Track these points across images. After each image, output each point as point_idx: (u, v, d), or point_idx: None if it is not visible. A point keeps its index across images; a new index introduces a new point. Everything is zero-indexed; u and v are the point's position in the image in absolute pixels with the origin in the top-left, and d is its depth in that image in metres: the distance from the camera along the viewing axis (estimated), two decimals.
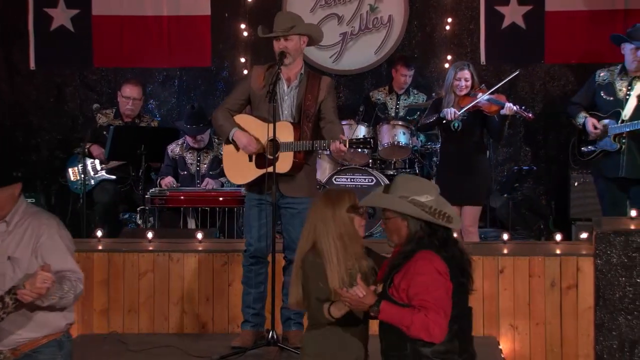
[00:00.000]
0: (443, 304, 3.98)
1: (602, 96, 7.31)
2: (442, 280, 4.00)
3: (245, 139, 5.82)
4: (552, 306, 6.09)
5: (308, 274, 4.23)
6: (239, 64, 9.57)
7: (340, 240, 4.20)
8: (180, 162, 8.15)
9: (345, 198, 4.28)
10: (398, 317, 3.98)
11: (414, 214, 4.07)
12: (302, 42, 5.90)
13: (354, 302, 4.01)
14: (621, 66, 7.32)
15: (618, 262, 5.93)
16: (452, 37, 9.51)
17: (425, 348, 4.01)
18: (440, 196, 4.21)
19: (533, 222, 9.24)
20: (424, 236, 4.08)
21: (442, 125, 7.54)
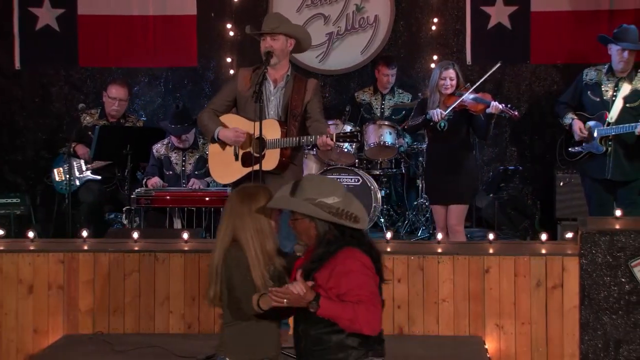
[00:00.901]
0: (377, 296, 4.09)
1: (589, 96, 7.34)
2: (371, 274, 4.10)
3: (232, 133, 5.83)
4: (537, 306, 6.09)
5: (232, 268, 4.25)
6: (225, 63, 9.56)
7: (257, 236, 4.25)
8: (165, 162, 8.13)
9: (261, 195, 4.33)
10: (339, 312, 4.03)
11: (320, 216, 4.14)
12: (289, 44, 5.91)
13: (294, 300, 4.04)
14: (608, 66, 7.34)
15: (603, 262, 5.95)
16: (438, 37, 9.53)
17: (349, 339, 4.09)
18: (348, 194, 4.28)
19: (519, 222, 9.27)
20: (332, 237, 4.15)
21: (429, 125, 7.55)
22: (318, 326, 4.11)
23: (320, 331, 4.12)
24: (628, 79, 7.25)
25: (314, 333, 4.15)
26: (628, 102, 7.19)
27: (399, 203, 9.12)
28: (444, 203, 7.47)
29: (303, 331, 4.20)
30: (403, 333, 6.21)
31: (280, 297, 4.03)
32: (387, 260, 6.20)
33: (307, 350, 4.20)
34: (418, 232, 8.62)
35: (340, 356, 4.12)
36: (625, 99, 7.20)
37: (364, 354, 4.15)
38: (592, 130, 7.23)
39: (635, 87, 7.23)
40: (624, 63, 7.22)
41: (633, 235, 5.93)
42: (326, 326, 4.08)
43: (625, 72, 7.26)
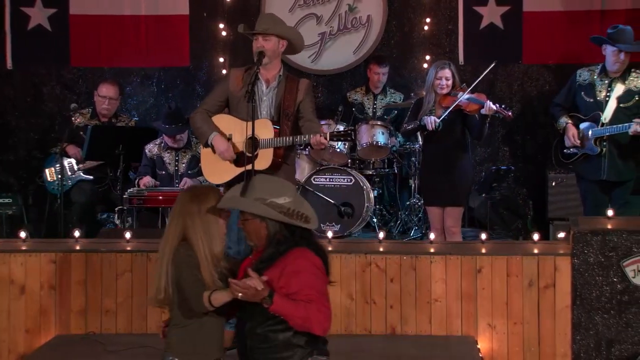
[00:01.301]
0: (327, 297, 4.14)
1: (583, 97, 7.32)
2: (321, 275, 4.16)
3: (224, 146, 5.83)
4: (529, 305, 6.10)
5: (182, 267, 4.25)
6: (217, 63, 9.56)
7: (206, 236, 4.26)
8: (158, 162, 8.12)
9: (210, 195, 4.34)
10: (292, 310, 4.06)
11: (271, 216, 4.17)
12: (281, 45, 5.91)
13: (250, 294, 4.06)
14: (602, 66, 7.32)
15: (595, 262, 5.96)
16: (431, 37, 9.54)
17: (295, 337, 4.14)
18: (298, 195, 4.34)
19: (511, 222, 9.28)
20: (282, 237, 4.19)
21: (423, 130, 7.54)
22: (265, 324, 4.15)
23: (267, 329, 4.16)
24: (621, 79, 7.24)
25: (260, 331, 4.18)
26: (622, 102, 7.19)
27: (391, 203, 9.13)
28: (440, 204, 7.46)
29: (249, 330, 4.23)
30: (395, 333, 6.21)
31: (237, 290, 4.06)
32: (379, 260, 6.23)
33: (253, 348, 4.23)
34: (410, 232, 8.62)
35: (285, 355, 4.17)
36: (618, 99, 7.20)
37: (309, 352, 4.20)
38: (586, 133, 7.21)
39: (628, 87, 7.23)
40: (620, 64, 7.20)
41: (625, 235, 5.94)
42: (273, 325, 4.13)
43: (619, 72, 7.25)
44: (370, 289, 6.26)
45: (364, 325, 6.26)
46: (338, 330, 6.27)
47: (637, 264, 5.93)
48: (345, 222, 8.31)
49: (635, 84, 7.22)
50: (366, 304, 6.26)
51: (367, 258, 6.28)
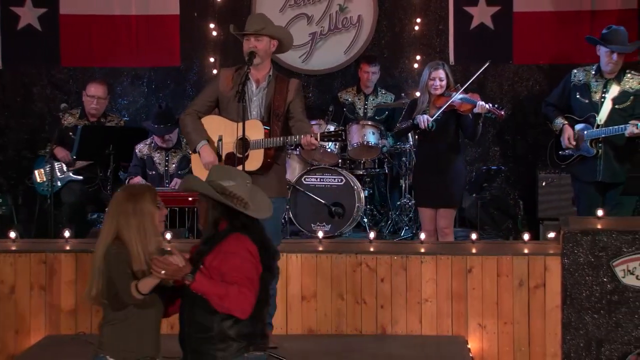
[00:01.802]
0: (254, 282, 4.17)
1: (577, 98, 7.27)
2: (253, 261, 4.20)
3: (210, 158, 5.80)
4: (520, 305, 6.12)
5: (113, 264, 4.26)
6: (208, 63, 9.55)
7: (140, 234, 4.27)
8: (148, 162, 8.11)
9: (146, 193, 4.38)
10: (212, 287, 4.12)
11: (208, 193, 4.28)
12: (272, 45, 5.90)
13: (171, 270, 4.10)
14: (596, 67, 7.27)
15: (585, 262, 5.98)
16: (421, 37, 9.54)
17: (231, 330, 4.19)
18: (254, 187, 4.45)
19: (501, 222, 9.29)
20: (222, 221, 4.29)
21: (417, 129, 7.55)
22: (202, 313, 4.19)
23: (205, 319, 4.20)
24: (616, 80, 7.19)
25: (198, 320, 4.23)
26: (617, 103, 7.15)
27: (382, 203, 9.13)
28: (433, 206, 7.45)
29: (187, 318, 4.29)
30: (386, 333, 6.22)
31: (160, 266, 4.10)
32: (370, 260, 6.23)
33: (190, 338, 4.28)
34: (401, 232, 8.62)
35: (220, 346, 4.21)
36: (614, 101, 7.15)
37: (245, 346, 4.23)
38: (581, 135, 7.18)
39: (623, 88, 7.18)
40: (613, 65, 7.15)
41: (615, 235, 5.96)
42: (210, 314, 4.17)
43: (613, 73, 7.20)
44: (361, 289, 6.27)
45: (354, 325, 6.27)
46: (328, 330, 6.28)
47: (627, 263, 5.94)
48: (335, 222, 8.31)
49: (630, 85, 7.19)
50: (357, 304, 6.27)
51: (358, 258, 6.29)
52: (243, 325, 4.21)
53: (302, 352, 5.89)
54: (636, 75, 7.25)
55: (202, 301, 4.16)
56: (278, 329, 6.12)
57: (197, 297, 4.17)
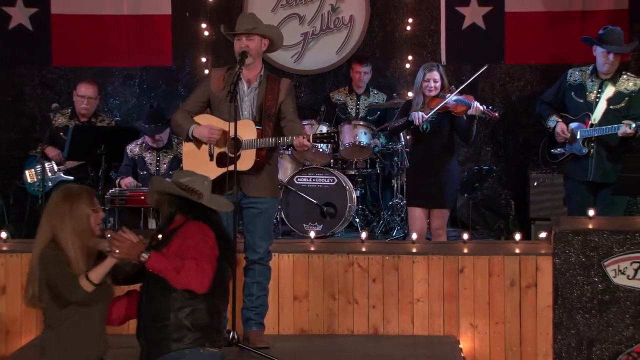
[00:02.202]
0: (211, 260, 4.20)
1: (573, 97, 7.28)
2: (210, 244, 4.24)
3: (206, 130, 5.80)
4: (511, 305, 6.13)
5: (50, 266, 4.24)
6: (199, 63, 9.54)
7: (77, 236, 4.25)
8: (139, 162, 8.10)
9: (83, 195, 4.36)
10: (168, 263, 4.13)
11: (163, 187, 4.36)
12: (263, 45, 5.90)
13: (126, 247, 4.12)
14: (592, 67, 7.26)
15: (576, 261, 5.99)
16: (413, 37, 9.55)
17: (187, 319, 4.22)
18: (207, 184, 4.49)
19: (493, 222, 9.31)
20: (178, 213, 4.35)
21: (411, 127, 7.55)
22: (158, 301, 4.22)
23: (161, 307, 4.23)
24: (612, 81, 7.19)
25: (154, 309, 4.25)
26: (612, 104, 7.16)
27: (374, 203, 9.13)
28: (426, 206, 7.46)
29: (145, 308, 4.31)
30: (378, 333, 6.23)
31: (114, 244, 4.12)
32: (362, 260, 6.24)
33: (147, 328, 4.30)
34: (393, 232, 8.63)
35: (175, 336, 4.23)
36: (608, 101, 7.16)
37: (200, 339, 4.25)
38: (574, 132, 7.20)
39: (619, 89, 7.18)
40: (609, 65, 7.15)
41: (606, 235, 5.98)
42: (166, 303, 4.20)
43: (609, 73, 7.20)
44: (353, 289, 6.27)
45: (346, 325, 6.27)
46: (320, 330, 6.28)
47: (618, 263, 5.96)
48: (327, 222, 8.31)
49: (625, 86, 7.20)
50: (348, 304, 6.27)
51: (350, 258, 6.29)
52: (199, 316, 4.23)
53: (294, 353, 5.89)
54: (632, 77, 7.27)
55: (158, 288, 4.18)
56: (270, 329, 6.12)
57: (153, 286, 4.19)
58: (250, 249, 5.83)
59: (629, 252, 5.94)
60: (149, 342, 4.29)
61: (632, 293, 5.95)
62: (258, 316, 5.88)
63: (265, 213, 5.87)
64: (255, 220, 5.83)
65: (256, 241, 5.83)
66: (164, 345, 4.24)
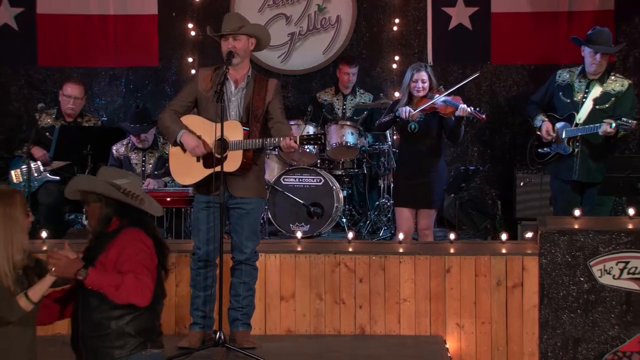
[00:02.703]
0: (151, 270, 4.14)
1: (560, 97, 7.33)
2: (149, 252, 4.18)
3: (194, 142, 5.78)
4: (497, 305, 6.14)
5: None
6: (186, 63, 9.52)
7: (6, 239, 4.07)
8: (125, 162, 8.08)
9: (16, 197, 4.18)
10: (107, 279, 4.05)
11: (106, 191, 4.24)
12: (250, 44, 5.89)
13: (63, 265, 4.04)
14: (581, 68, 7.31)
15: (562, 261, 6.01)
16: (400, 37, 9.56)
17: (129, 326, 4.16)
18: (139, 183, 4.46)
19: (479, 222, 9.32)
20: (114, 217, 4.26)
21: (399, 126, 7.55)
22: (98, 311, 4.15)
23: (101, 316, 4.16)
24: (599, 81, 7.24)
25: (94, 318, 4.18)
26: (598, 104, 7.20)
27: (360, 203, 9.14)
28: (413, 206, 7.46)
29: (82, 317, 4.22)
30: (365, 333, 6.23)
31: (51, 263, 4.03)
32: (349, 260, 6.24)
33: (85, 336, 4.22)
34: (380, 232, 8.63)
35: (117, 344, 4.18)
36: (595, 101, 7.20)
37: (142, 343, 4.21)
38: (560, 132, 7.24)
39: (606, 89, 7.23)
40: (596, 65, 7.20)
41: (592, 235, 6.00)
42: (106, 311, 4.13)
43: (597, 74, 7.24)
44: (340, 289, 6.27)
45: (333, 325, 6.27)
46: (307, 330, 6.28)
47: (604, 263, 5.98)
48: (314, 223, 8.31)
49: (612, 87, 7.24)
50: (335, 304, 6.27)
51: (337, 258, 6.29)
52: (141, 321, 4.18)
53: (281, 353, 5.89)
54: (619, 78, 7.32)
55: (97, 299, 4.11)
56: (256, 329, 6.12)
57: (92, 296, 4.11)
58: (237, 250, 5.83)
59: (615, 252, 5.97)
60: (88, 350, 4.22)
61: (617, 293, 5.97)
62: (245, 316, 5.87)
63: (252, 213, 5.86)
64: (242, 221, 5.83)
65: (243, 241, 5.82)
66: (106, 353, 4.17)
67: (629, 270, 5.96)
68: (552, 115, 7.34)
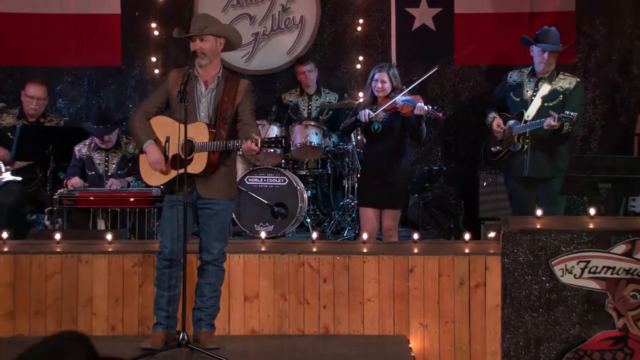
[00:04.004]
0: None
1: (512, 97, 7.52)
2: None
3: (156, 157, 5.76)
4: (460, 304, 6.17)
5: None
6: (149, 63, 9.48)
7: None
8: (88, 163, 8.03)
9: None
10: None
11: None
12: (219, 44, 5.86)
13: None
14: (531, 68, 7.52)
15: (524, 261, 6.05)
16: (364, 38, 9.59)
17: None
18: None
19: (443, 222, 9.36)
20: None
21: (363, 127, 7.58)
22: None
23: None
24: (548, 80, 7.43)
25: None
26: (546, 101, 7.36)
27: (325, 203, 9.15)
28: (377, 206, 7.48)
29: None
30: (329, 333, 6.23)
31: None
32: (313, 260, 6.24)
33: None
34: (344, 232, 8.65)
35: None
36: (543, 99, 7.37)
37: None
38: (511, 130, 7.39)
39: (554, 87, 7.40)
40: (544, 64, 7.40)
41: (554, 235, 6.04)
42: None
43: (546, 72, 7.43)
44: (304, 289, 6.27)
45: (297, 325, 6.27)
46: (271, 330, 6.27)
47: (565, 263, 6.03)
48: (278, 223, 8.31)
49: (561, 85, 7.41)
50: (299, 304, 6.27)
51: (301, 258, 6.29)
52: None
53: (244, 353, 5.88)
54: (568, 76, 7.49)
55: None
56: (220, 330, 6.10)
57: None
58: (204, 250, 5.81)
59: (576, 252, 6.02)
60: None
61: (578, 292, 6.02)
62: (209, 317, 5.86)
63: (220, 214, 5.84)
64: (210, 221, 5.81)
65: (210, 242, 5.80)
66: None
67: (590, 270, 6.01)
68: (504, 114, 7.50)
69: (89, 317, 6.22)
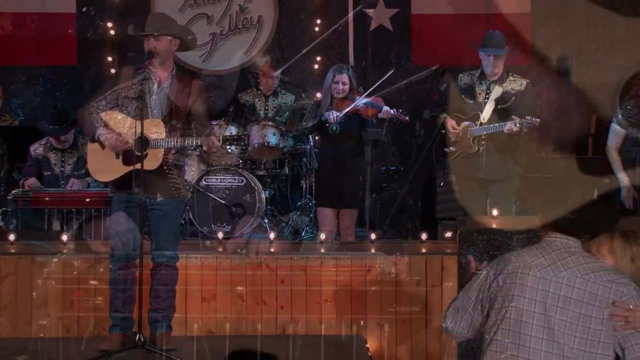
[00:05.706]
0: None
1: (464, 99, 7.52)
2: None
3: (114, 139, 5.71)
4: (417, 304, 6.20)
5: None
6: (105, 62, 9.40)
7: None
8: (44, 163, 7.95)
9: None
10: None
11: None
12: (173, 45, 5.85)
13: None
14: (481, 70, 7.52)
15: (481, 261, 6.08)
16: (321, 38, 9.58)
17: None
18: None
19: (400, 222, 9.40)
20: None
21: (318, 128, 7.58)
22: None
23: None
24: (499, 82, 7.44)
25: None
26: (499, 103, 7.40)
27: (283, 203, 9.14)
28: (335, 206, 7.50)
29: None
30: (286, 333, 6.23)
31: None
32: (270, 261, 6.24)
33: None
34: (302, 233, 8.64)
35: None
36: (496, 101, 7.40)
37: None
38: (466, 131, 7.41)
39: (506, 89, 7.43)
40: (492, 67, 7.40)
41: (509, 235, 6.08)
42: None
43: (496, 75, 7.44)
44: (261, 289, 6.26)
45: (254, 326, 6.26)
46: (228, 331, 6.25)
47: None
48: (236, 223, 8.28)
49: (512, 87, 7.44)
50: (257, 305, 6.26)
51: (258, 259, 6.28)
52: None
53: (202, 354, 5.85)
54: (518, 78, 7.53)
55: None
56: (177, 330, 6.07)
57: None
58: (157, 251, 5.78)
59: None
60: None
61: None
62: (165, 318, 5.83)
63: (171, 215, 5.82)
64: (160, 223, 5.78)
65: (162, 243, 5.77)
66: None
67: None
68: (457, 115, 7.51)
69: (43, 318, 6.15)
